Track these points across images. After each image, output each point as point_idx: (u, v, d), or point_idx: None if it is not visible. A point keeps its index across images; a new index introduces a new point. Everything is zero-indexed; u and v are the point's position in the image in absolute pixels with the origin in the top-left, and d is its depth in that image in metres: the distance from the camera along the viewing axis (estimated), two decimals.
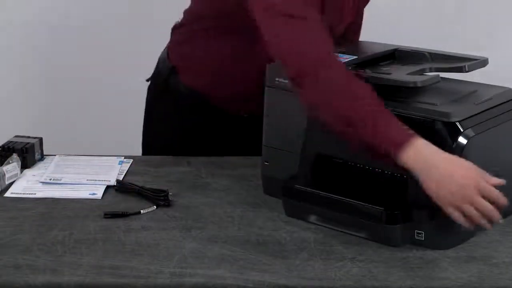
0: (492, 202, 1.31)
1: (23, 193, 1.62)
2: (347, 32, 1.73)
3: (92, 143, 2.82)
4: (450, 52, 1.55)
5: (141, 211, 1.52)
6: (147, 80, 1.92)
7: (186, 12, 1.81)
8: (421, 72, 1.48)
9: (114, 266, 1.32)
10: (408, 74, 1.45)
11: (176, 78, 1.81)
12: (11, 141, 1.76)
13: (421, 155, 1.31)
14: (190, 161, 1.78)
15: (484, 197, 1.30)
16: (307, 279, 1.29)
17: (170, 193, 1.56)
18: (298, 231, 1.44)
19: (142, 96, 3.14)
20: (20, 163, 1.70)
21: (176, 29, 1.84)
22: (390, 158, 1.32)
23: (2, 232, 1.45)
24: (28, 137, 1.79)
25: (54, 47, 3.01)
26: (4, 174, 1.64)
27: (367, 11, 1.80)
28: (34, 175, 1.70)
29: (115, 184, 1.64)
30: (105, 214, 1.51)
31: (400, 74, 1.45)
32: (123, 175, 1.70)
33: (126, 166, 1.75)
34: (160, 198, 1.55)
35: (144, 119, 1.96)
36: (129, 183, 1.63)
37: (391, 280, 1.28)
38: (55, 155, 1.81)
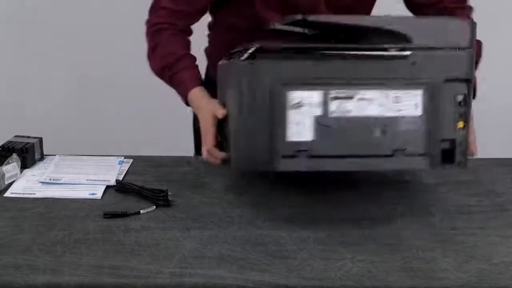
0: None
1: (23, 193, 1.62)
2: None
3: (92, 143, 2.82)
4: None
5: (141, 211, 1.52)
6: None
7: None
8: None
9: (114, 266, 1.32)
10: None
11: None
12: (11, 141, 1.76)
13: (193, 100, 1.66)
14: (190, 161, 1.78)
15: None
16: (307, 279, 1.29)
17: (170, 193, 1.57)
18: (298, 230, 1.44)
19: (142, 96, 3.15)
20: (20, 163, 1.70)
21: (209, 27, 1.90)
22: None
23: (2, 232, 1.45)
24: (28, 137, 1.80)
25: (54, 47, 3.01)
26: (4, 174, 1.64)
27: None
28: (34, 175, 1.71)
29: (114, 184, 1.64)
30: (105, 214, 1.51)
31: None
32: (123, 175, 1.70)
33: (126, 166, 1.75)
34: (159, 198, 1.55)
35: (193, 119, 1.97)
36: (129, 183, 1.63)
37: (391, 280, 1.28)
38: (55, 155, 1.81)
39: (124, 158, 1.80)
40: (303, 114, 1.41)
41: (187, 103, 1.70)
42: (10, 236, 1.43)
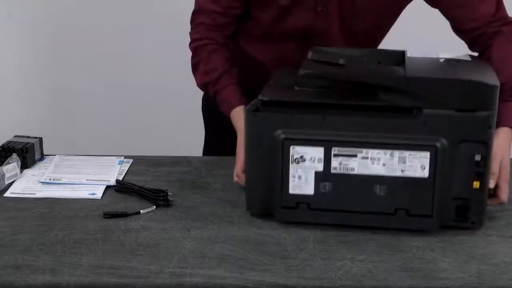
0: None
1: (23, 193, 1.62)
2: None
3: (92, 143, 2.83)
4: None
5: (141, 211, 1.52)
6: None
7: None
8: None
9: (114, 266, 1.32)
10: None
11: None
12: (11, 141, 1.76)
13: (236, 121, 1.66)
14: (190, 161, 1.78)
15: None
16: (307, 279, 1.29)
17: (170, 193, 1.57)
18: (298, 231, 1.44)
19: (142, 96, 3.16)
20: (20, 163, 1.70)
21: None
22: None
23: (2, 232, 1.45)
24: (28, 137, 1.80)
25: (54, 47, 3.01)
26: (4, 174, 1.64)
27: None
28: (34, 175, 1.70)
29: (114, 184, 1.64)
30: (105, 214, 1.51)
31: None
32: (123, 175, 1.70)
33: (126, 166, 1.75)
34: (159, 198, 1.55)
35: (204, 122, 2.02)
36: (129, 183, 1.63)
37: (391, 280, 1.28)
38: (55, 155, 1.81)
39: (124, 158, 1.80)
40: (305, 168, 1.42)
41: (229, 119, 1.70)
42: (10, 236, 1.43)
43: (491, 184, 1.43)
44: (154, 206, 1.54)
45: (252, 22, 1.81)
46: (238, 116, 1.65)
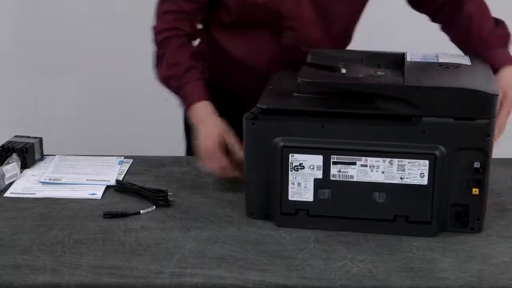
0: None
1: (23, 193, 1.62)
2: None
3: (92, 143, 2.83)
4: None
5: (141, 211, 1.52)
6: None
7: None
8: None
9: (114, 266, 1.32)
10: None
11: None
12: (11, 141, 1.76)
13: (195, 113, 1.65)
14: (190, 161, 1.78)
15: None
16: (307, 279, 1.29)
17: (170, 193, 1.57)
18: (298, 231, 1.44)
19: (142, 96, 3.15)
20: (20, 163, 1.70)
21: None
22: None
23: (2, 232, 1.45)
24: (28, 137, 1.79)
25: (54, 47, 3.01)
26: (4, 174, 1.64)
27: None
28: (34, 175, 1.70)
29: (114, 184, 1.64)
30: (105, 214, 1.51)
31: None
32: (123, 175, 1.70)
33: (126, 166, 1.75)
34: (159, 198, 1.55)
35: (184, 122, 1.98)
36: (129, 183, 1.63)
37: (391, 280, 1.28)
38: (55, 155, 1.81)
39: (124, 158, 1.79)
40: (304, 176, 1.42)
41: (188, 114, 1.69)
42: (10, 236, 1.43)
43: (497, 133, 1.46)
44: (154, 206, 1.54)
45: (221, 8, 1.77)
46: (198, 109, 1.64)
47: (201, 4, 1.75)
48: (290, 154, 1.41)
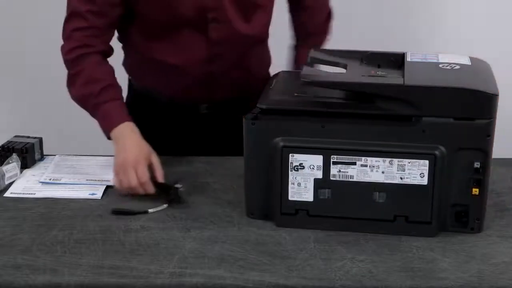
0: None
1: (23, 193, 1.62)
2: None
3: (92, 143, 2.82)
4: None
5: (149, 210, 1.52)
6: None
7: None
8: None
9: (114, 266, 1.32)
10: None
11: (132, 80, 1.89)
12: (11, 141, 1.76)
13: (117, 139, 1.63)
14: (190, 161, 1.78)
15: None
16: (307, 279, 1.29)
17: (181, 187, 1.57)
18: (298, 231, 1.44)
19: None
20: (20, 163, 1.70)
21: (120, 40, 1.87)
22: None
23: (2, 232, 1.45)
24: (28, 137, 1.79)
25: (54, 47, 3.01)
26: (4, 174, 1.64)
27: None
28: (34, 175, 1.70)
29: (114, 184, 1.64)
30: (113, 211, 1.51)
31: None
32: None
33: None
34: (170, 194, 1.55)
35: None
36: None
37: (391, 280, 1.28)
38: (55, 155, 1.81)
39: None
40: (304, 176, 1.42)
41: (109, 136, 1.66)
42: (10, 236, 1.43)
43: None
44: (165, 205, 1.54)
45: (142, 18, 1.72)
46: (121, 130, 1.62)
47: (113, 18, 1.70)
48: (290, 154, 1.41)
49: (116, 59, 1.80)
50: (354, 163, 1.40)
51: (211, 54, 1.75)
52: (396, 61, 1.54)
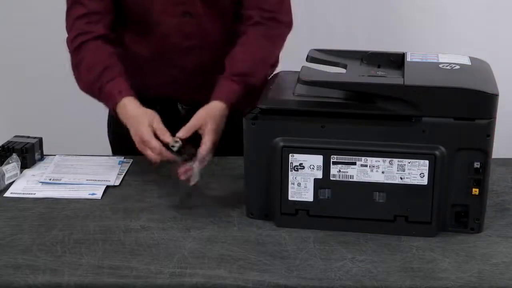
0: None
1: (23, 193, 1.62)
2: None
3: (92, 143, 2.82)
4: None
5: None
6: None
7: None
8: None
9: (114, 266, 1.32)
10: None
11: None
12: (11, 141, 1.76)
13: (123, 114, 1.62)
14: None
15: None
16: (307, 279, 1.29)
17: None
18: (298, 231, 1.44)
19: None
20: (20, 163, 1.70)
21: None
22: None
23: (2, 232, 1.45)
24: (28, 137, 1.79)
25: (54, 47, 3.01)
26: (4, 174, 1.64)
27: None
28: (34, 175, 1.70)
29: (114, 184, 1.64)
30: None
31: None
32: (122, 175, 1.70)
33: (126, 166, 1.75)
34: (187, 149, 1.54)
35: (110, 145, 1.97)
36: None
37: (391, 280, 1.28)
38: (55, 155, 1.81)
39: (124, 158, 1.79)
40: (304, 176, 1.42)
41: (115, 113, 1.65)
42: (10, 236, 1.43)
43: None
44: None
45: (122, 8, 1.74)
46: (124, 107, 1.61)
47: (109, 1, 1.71)
48: (290, 154, 1.41)
49: None
50: (354, 163, 1.40)
51: (188, 46, 1.74)
52: (396, 61, 1.54)
